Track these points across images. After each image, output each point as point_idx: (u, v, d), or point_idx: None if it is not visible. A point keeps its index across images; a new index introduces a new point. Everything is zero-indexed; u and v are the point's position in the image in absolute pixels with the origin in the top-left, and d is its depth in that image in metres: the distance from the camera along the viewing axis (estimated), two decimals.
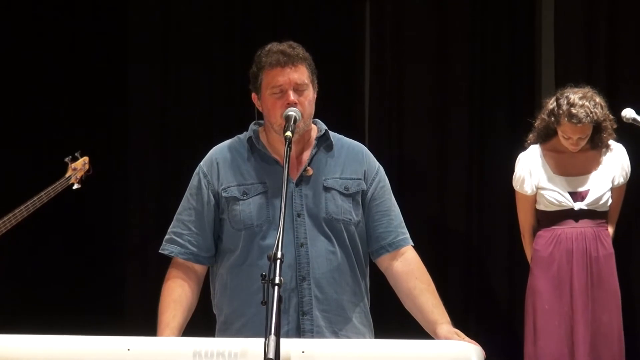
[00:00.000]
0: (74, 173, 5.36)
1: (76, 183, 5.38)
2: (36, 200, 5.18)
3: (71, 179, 5.36)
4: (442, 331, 3.22)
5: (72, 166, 5.37)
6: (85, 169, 5.41)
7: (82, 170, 5.40)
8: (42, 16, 6.59)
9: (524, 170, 5.30)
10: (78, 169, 5.38)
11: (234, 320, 3.36)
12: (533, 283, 5.27)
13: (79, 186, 5.39)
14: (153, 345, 2.96)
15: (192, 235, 3.40)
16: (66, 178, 5.34)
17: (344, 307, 3.35)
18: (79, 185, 5.39)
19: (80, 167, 5.39)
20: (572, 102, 5.15)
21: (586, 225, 5.24)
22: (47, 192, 5.23)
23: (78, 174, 5.38)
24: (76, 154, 5.40)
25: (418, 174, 6.52)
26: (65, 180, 5.33)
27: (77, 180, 5.38)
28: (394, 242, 3.41)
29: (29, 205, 5.16)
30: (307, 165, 3.37)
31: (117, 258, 6.63)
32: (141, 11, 6.71)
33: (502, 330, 6.31)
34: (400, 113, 6.57)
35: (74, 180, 5.36)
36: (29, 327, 3.07)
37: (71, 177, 5.36)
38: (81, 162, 5.40)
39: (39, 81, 6.50)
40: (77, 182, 5.38)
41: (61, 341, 2.94)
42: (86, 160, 5.42)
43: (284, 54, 3.30)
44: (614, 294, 5.23)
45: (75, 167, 5.38)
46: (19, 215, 5.14)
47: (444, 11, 6.53)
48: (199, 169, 3.44)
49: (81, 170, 5.39)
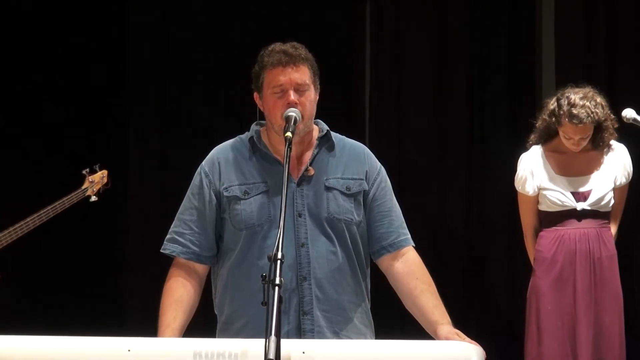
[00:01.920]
0: (90, 185, 5.42)
1: (93, 195, 5.43)
2: (49, 210, 5.25)
3: (87, 190, 5.40)
4: (443, 331, 3.22)
5: (90, 178, 5.45)
6: (104, 182, 5.48)
7: (100, 183, 5.46)
8: (43, 30, 6.61)
9: (525, 170, 5.30)
10: (95, 182, 5.43)
11: (234, 320, 3.36)
12: (536, 283, 5.27)
13: (96, 199, 5.45)
14: (153, 346, 2.96)
15: (193, 235, 3.40)
16: (82, 190, 5.41)
17: (344, 307, 3.35)
18: (96, 198, 5.44)
19: (99, 180, 5.46)
20: (573, 102, 5.15)
21: (589, 225, 5.24)
22: (62, 203, 5.29)
23: (95, 186, 5.44)
24: (95, 167, 5.47)
25: (418, 174, 6.52)
26: (81, 192, 5.40)
27: (94, 193, 5.43)
28: (395, 243, 3.41)
29: (42, 214, 5.23)
30: (309, 165, 3.37)
31: (119, 260, 6.63)
32: (141, 19, 6.71)
33: (503, 331, 6.31)
34: (400, 113, 6.57)
35: (90, 193, 5.43)
36: (30, 328, 3.07)
37: (87, 189, 5.40)
38: (99, 175, 5.47)
39: (39, 89, 6.51)
40: (94, 194, 5.42)
41: (62, 342, 2.94)
42: (105, 174, 5.50)
43: (286, 54, 3.31)
44: (616, 295, 5.23)
45: (93, 179, 5.44)
46: (30, 223, 5.20)
47: (444, 10, 6.53)
48: (201, 169, 3.44)
49: (99, 183, 5.46)
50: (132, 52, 6.73)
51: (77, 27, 6.62)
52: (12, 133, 6.41)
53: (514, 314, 6.12)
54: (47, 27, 6.61)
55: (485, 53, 6.49)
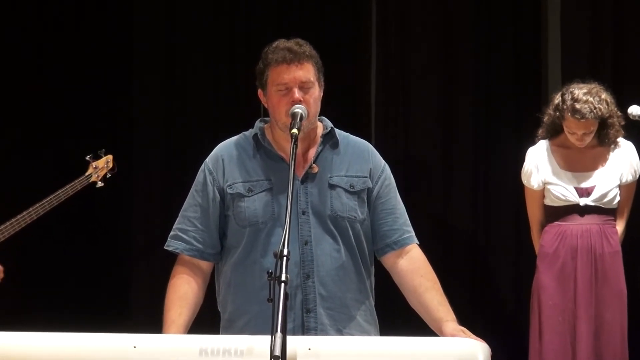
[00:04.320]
0: (95, 171, 5.25)
1: (99, 181, 5.29)
2: (53, 199, 5.06)
3: (92, 177, 5.26)
4: (448, 329, 3.21)
5: (94, 164, 5.25)
6: (109, 167, 5.28)
7: (106, 168, 5.27)
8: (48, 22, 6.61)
9: (531, 164, 5.32)
10: (100, 167, 5.27)
11: (237, 318, 3.36)
12: (538, 278, 5.28)
13: (102, 184, 5.29)
14: (159, 343, 2.97)
15: (197, 232, 3.40)
16: (86, 176, 5.20)
17: (347, 305, 3.35)
18: (102, 184, 5.29)
19: (103, 165, 5.27)
20: (576, 97, 5.15)
21: (592, 221, 5.24)
22: (65, 190, 5.11)
23: (100, 172, 5.26)
24: (99, 152, 5.30)
25: (424, 172, 6.52)
26: (85, 179, 5.20)
27: (99, 178, 5.28)
28: (399, 240, 3.41)
29: (45, 203, 5.05)
30: (313, 162, 3.37)
31: (123, 256, 6.64)
32: (146, 14, 6.71)
33: (508, 327, 6.31)
34: (406, 110, 6.56)
35: (95, 179, 5.24)
36: (36, 324, 3.07)
37: (92, 176, 5.25)
38: (104, 161, 5.28)
39: (45, 84, 6.51)
40: (99, 180, 5.29)
41: (68, 338, 2.94)
42: (110, 159, 5.29)
43: (290, 51, 3.30)
44: (619, 291, 5.23)
45: (97, 165, 5.26)
46: (33, 213, 5.03)
47: (449, 8, 6.52)
48: (205, 166, 3.44)
49: (104, 169, 5.27)
50: (137, 45, 6.73)
51: (82, 21, 6.62)
52: (17, 127, 6.42)
53: (519, 311, 6.12)
54: (51, 19, 6.61)
55: (492, 51, 6.48)
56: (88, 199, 5.56)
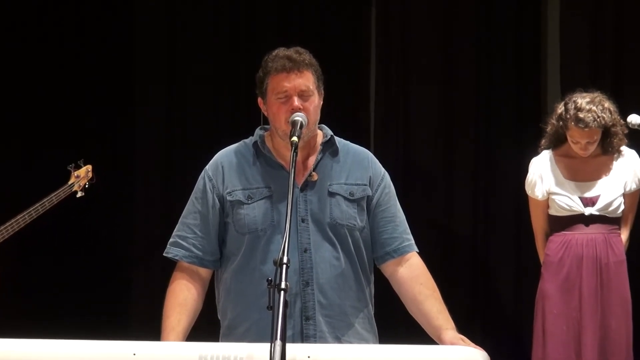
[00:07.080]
0: (76, 181, 5.32)
1: (79, 191, 5.34)
2: (39, 207, 5.15)
3: (74, 186, 5.32)
4: (447, 337, 3.21)
5: (75, 174, 5.33)
6: (89, 177, 5.36)
7: (86, 178, 5.35)
8: (49, 31, 6.62)
9: (535, 175, 5.31)
10: (81, 177, 5.33)
11: (237, 325, 3.36)
12: (543, 287, 5.28)
13: (82, 194, 5.35)
14: (159, 350, 2.97)
15: (196, 239, 3.40)
16: (69, 185, 5.30)
17: (346, 312, 3.35)
18: (83, 194, 5.35)
19: (84, 175, 5.34)
20: (579, 106, 5.15)
21: (597, 230, 5.24)
22: (50, 199, 5.20)
23: (81, 181, 5.33)
24: (79, 162, 5.37)
25: (424, 179, 6.52)
26: (68, 188, 5.29)
27: (80, 188, 5.34)
28: (399, 248, 3.41)
29: (32, 211, 5.14)
30: (313, 170, 3.38)
31: (123, 263, 6.64)
32: (147, 23, 6.72)
33: (508, 336, 6.31)
34: (406, 117, 6.57)
35: (77, 188, 5.32)
36: (35, 331, 3.08)
37: (74, 185, 5.32)
38: (84, 170, 5.36)
39: (45, 86, 6.52)
40: (80, 189, 5.34)
41: (67, 346, 2.94)
42: (89, 169, 5.38)
43: (290, 60, 3.30)
44: (624, 300, 5.22)
45: (79, 174, 5.33)
46: (21, 221, 5.12)
47: (449, 16, 6.53)
48: (205, 173, 3.44)
49: (84, 178, 5.35)
50: (139, 52, 6.74)
51: (82, 25, 6.63)
52: (17, 135, 6.42)
53: (519, 319, 6.12)
54: (52, 23, 6.62)
55: (492, 57, 6.49)
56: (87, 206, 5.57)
